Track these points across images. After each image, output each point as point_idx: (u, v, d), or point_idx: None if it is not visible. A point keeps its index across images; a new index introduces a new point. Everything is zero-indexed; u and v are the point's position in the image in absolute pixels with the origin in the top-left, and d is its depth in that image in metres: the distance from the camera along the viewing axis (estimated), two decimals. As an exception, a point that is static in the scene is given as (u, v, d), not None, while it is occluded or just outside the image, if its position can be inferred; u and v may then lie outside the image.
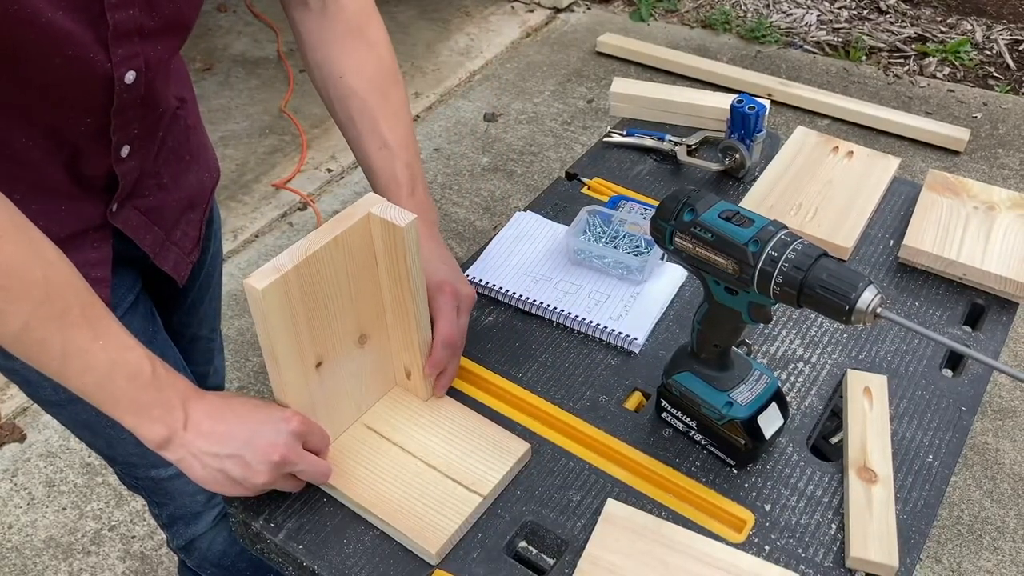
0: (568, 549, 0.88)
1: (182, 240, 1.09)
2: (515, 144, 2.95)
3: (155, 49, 0.85)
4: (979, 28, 3.46)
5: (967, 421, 1.01)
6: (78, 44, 0.77)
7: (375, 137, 1.03)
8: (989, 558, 1.81)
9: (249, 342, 2.28)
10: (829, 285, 0.75)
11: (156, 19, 0.83)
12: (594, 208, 1.22)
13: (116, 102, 0.85)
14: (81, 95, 0.83)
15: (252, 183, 2.82)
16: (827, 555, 0.88)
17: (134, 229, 1.01)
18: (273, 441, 0.82)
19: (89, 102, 0.84)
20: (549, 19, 3.64)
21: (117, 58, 0.81)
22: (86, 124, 0.85)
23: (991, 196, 1.27)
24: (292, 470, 0.85)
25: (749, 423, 0.91)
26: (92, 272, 0.98)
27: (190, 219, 1.10)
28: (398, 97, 1.06)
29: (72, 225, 0.94)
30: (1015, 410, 2.09)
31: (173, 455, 0.83)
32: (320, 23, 1.03)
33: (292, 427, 0.84)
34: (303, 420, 0.86)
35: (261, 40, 3.50)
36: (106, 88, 0.83)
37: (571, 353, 1.09)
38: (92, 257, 0.97)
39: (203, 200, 1.14)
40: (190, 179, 1.09)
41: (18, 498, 1.94)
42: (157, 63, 0.87)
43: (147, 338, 1.07)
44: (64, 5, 0.75)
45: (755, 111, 1.29)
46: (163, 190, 1.03)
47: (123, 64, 0.83)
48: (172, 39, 0.88)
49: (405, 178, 1.03)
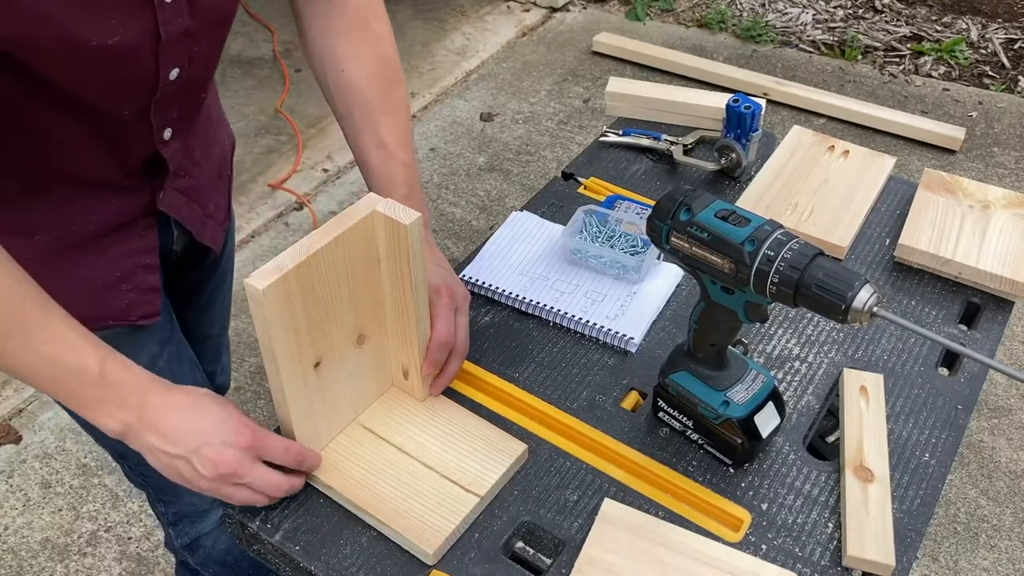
0: (565, 549, 0.88)
1: (216, 211, 1.11)
2: (511, 144, 2.95)
3: (199, 45, 0.86)
4: (974, 27, 3.46)
5: (963, 420, 1.01)
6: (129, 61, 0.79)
7: (373, 135, 1.03)
8: (986, 556, 1.82)
9: (246, 343, 2.28)
10: (825, 284, 0.75)
11: (200, 18, 0.84)
12: (590, 208, 1.22)
13: (159, 93, 0.87)
14: (127, 91, 0.84)
15: (248, 183, 2.81)
16: (824, 554, 0.88)
17: (178, 210, 1.02)
18: (220, 452, 0.82)
19: (133, 95, 0.86)
20: (545, 19, 3.64)
21: (164, 60, 0.83)
22: (128, 110, 0.87)
23: (986, 195, 1.27)
24: (240, 482, 0.84)
25: (746, 422, 0.91)
26: (142, 259, 1.00)
27: (219, 189, 1.12)
28: (399, 95, 1.06)
29: (121, 216, 0.96)
30: (1011, 408, 2.10)
31: (133, 445, 0.84)
32: (325, 13, 1.03)
33: (241, 442, 0.83)
34: (256, 436, 0.84)
35: (257, 40, 3.49)
36: (150, 83, 0.85)
37: (568, 353, 1.09)
38: (141, 245, 0.99)
39: (227, 168, 1.15)
40: (215, 151, 1.10)
41: (14, 499, 1.93)
42: (202, 57, 0.89)
43: (166, 335, 1.09)
44: (121, 32, 0.76)
45: (751, 110, 1.29)
46: (197, 167, 1.04)
47: (169, 64, 0.84)
48: (215, 35, 0.90)
49: (402, 179, 1.03)
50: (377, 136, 1.03)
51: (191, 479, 0.83)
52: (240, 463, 0.83)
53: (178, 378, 1.11)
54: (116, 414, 0.82)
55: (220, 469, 0.82)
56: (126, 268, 0.99)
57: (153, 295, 1.02)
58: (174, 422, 0.82)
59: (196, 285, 1.24)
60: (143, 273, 1.01)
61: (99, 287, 0.97)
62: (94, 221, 0.93)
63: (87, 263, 0.96)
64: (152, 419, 0.82)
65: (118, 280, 0.99)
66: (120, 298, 0.99)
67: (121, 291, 0.99)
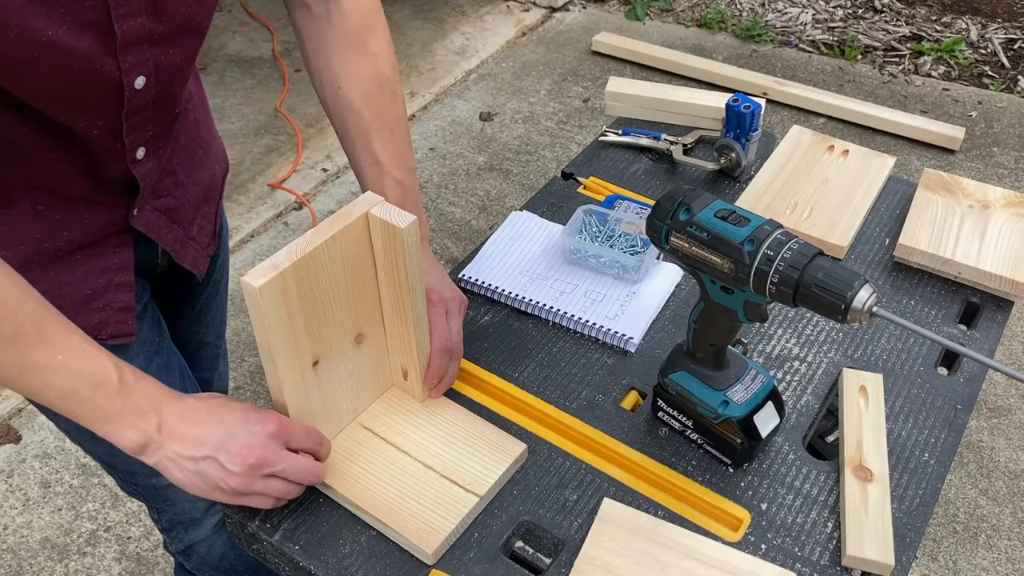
0: (565, 549, 0.88)
1: (199, 235, 1.09)
2: (511, 143, 2.95)
3: (166, 54, 0.84)
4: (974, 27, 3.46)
5: (962, 419, 1.01)
6: (84, 58, 0.77)
7: (368, 153, 1.03)
8: (985, 556, 1.82)
9: (245, 343, 2.28)
10: (825, 284, 0.75)
11: (166, 24, 0.82)
12: (590, 207, 1.22)
13: (127, 106, 0.85)
14: (92, 100, 0.82)
15: (248, 183, 2.81)
16: (823, 554, 0.88)
17: (155, 230, 1.00)
18: (248, 443, 0.81)
19: (100, 105, 0.84)
20: (545, 18, 3.64)
21: (126, 65, 0.81)
22: (99, 127, 0.85)
23: (986, 195, 1.27)
24: (273, 471, 0.83)
25: (745, 422, 0.91)
26: (116, 277, 0.97)
27: (205, 213, 1.10)
28: (394, 113, 1.05)
29: (94, 232, 0.94)
30: (1010, 408, 2.10)
31: (150, 459, 0.82)
32: (322, 29, 1.02)
33: (268, 429, 0.82)
34: (281, 421, 0.84)
35: (256, 40, 3.49)
36: (116, 93, 0.83)
37: (567, 353, 1.09)
38: (114, 262, 0.97)
39: (216, 192, 1.13)
40: (203, 173, 1.08)
41: (13, 499, 1.93)
42: (170, 67, 0.86)
43: (153, 347, 1.06)
44: (69, 21, 0.74)
45: (751, 110, 1.29)
46: (180, 188, 1.03)
47: (132, 70, 0.82)
48: (184, 44, 0.87)
49: (395, 196, 1.02)
50: (371, 154, 1.02)
51: (220, 480, 0.81)
52: (270, 450, 0.82)
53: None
54: (138, 423, 0.80)
55: (250, 460, 0.80)
56: (98, 286, 0.96)
57: (126, 315, 0.99)
58: (194, 425, 0.81)
59: (187, 296, 1.22)
60: (116, 291, 0.97)
61: (67, 305, 0.91)
62: (64, 236, 0.90)
63: (56, 279, 0.93)
64: (171, 426, 0.81)
65: (88, 298, 0.95)
66: (91, 316, 0.96)
67: (92, 309, 0.96)
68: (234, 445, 0.81)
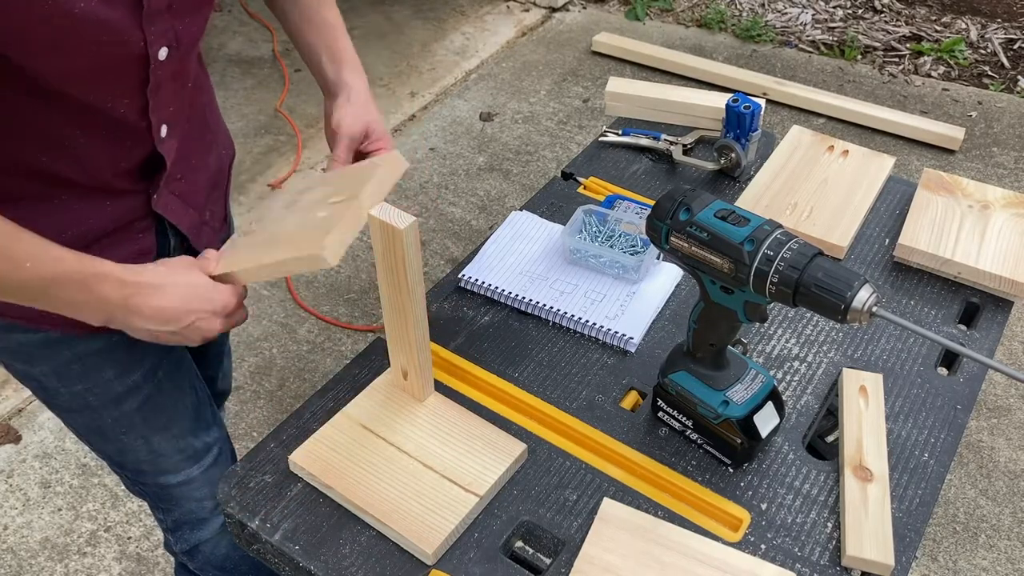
0: (564, 549, 0.88)
1: (212, 219, 1.11)
2: (511, 144, 2.95)
3: (183, 23, 0.87)
4: (973, 27, 3.46)
5: (962, 419, 1.01)
6: (116, 29, 0.79)
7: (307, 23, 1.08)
8: (985, 556, 1.82)
9: (245, 342, 2.28)
10: (825, 284, 0.75)
11: None
12: (590, 207, 1.22)
13: (152, 79, 0.87)
14: (119, 76, 0.85)
15: (248, 183, 2.81)
16: (823, 554, 0.88)
17: (174, 213, 1.02)
18: (209, 327, 0.91)
19: (127, 81, 0.86)
20: (545, 18, 3.64)
21: (151, 36, 0.83)
22: (125, 105, 0.87)
23: (986, 195, 1.27)
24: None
25: (745, 422, 0.91)
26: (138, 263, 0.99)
27: (215, 197, 1.12)
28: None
29: (117, 219, 0.96)
30: (1010, 408, 2.10)
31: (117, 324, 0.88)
32: None
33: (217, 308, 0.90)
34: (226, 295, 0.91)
35: (256, 40, 3.49)
36: (142, 67, 0.85)
37: (567, 353, 1.09)
38: (136, 249, 0.99)
39: (224, 177, 1.16)
40: (212, 158, 1.11)
41: (13, 499, 1.93)
42: (187, 39, 0.89)
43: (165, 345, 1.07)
44: None
45: (750, 110, 1.29)
46: (193, 171, 1.05)
47: (156, 41, 0.84)
48: (198, 15, 0.91)
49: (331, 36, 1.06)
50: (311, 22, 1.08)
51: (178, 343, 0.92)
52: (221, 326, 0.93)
53: (178, 386, 1.11)
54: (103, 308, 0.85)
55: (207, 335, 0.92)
56: None
57: None
58: (157, 301, 0.87)
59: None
60: None
61: None
62: (90, 224, 0.93)
63: None
64: (135, 305, 0.86)
65: None
66: None
67: None
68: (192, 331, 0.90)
